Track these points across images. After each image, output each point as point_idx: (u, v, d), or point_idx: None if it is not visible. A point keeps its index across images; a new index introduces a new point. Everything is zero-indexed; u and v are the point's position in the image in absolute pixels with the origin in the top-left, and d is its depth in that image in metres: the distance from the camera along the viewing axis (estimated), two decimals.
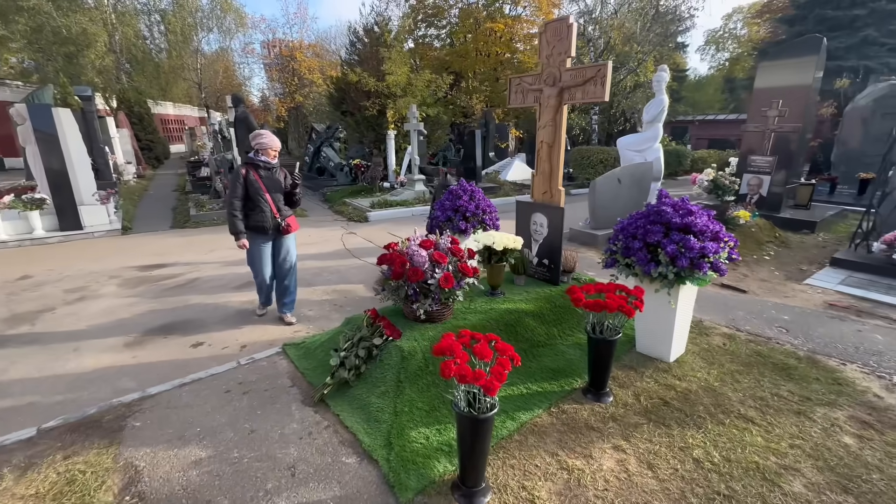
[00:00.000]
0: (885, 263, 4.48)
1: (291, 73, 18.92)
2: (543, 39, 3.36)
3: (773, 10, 25.27)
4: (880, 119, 9.49)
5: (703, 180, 6.11)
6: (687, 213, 2.69)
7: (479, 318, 2.99)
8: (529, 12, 21.59)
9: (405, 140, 13.55)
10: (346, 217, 9.42)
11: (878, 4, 11.42)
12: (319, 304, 4.70)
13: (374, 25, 12.90)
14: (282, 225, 3.71)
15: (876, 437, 2.25)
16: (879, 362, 2.95)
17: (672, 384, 2.72)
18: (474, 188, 4.46)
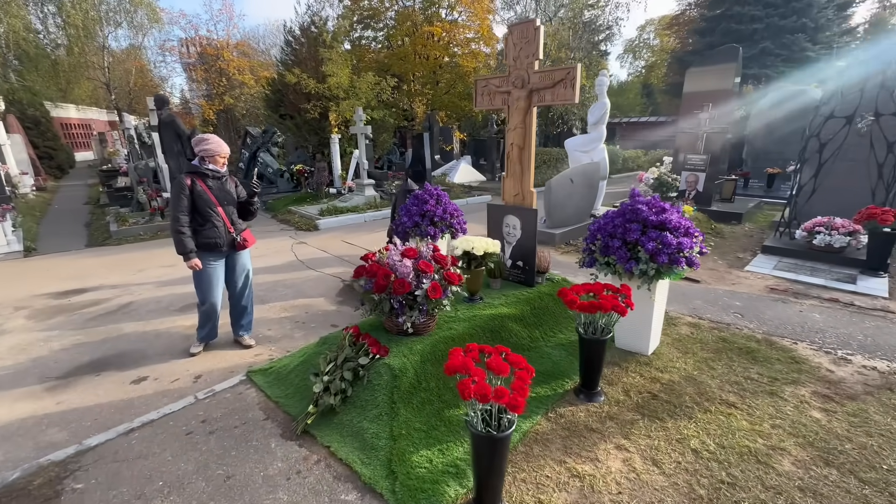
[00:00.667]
0: (806, 248, 5.03)
1: (218, 73, 17.58)
2: (510, 41, 3.35)
3: (681, 23, 27.89)
4: (781, 120, 10.76)
5: (649, 178, 6.53)
6: (661, 210, 2.79)
7: (465, 327, 2.89)
8: (465, 17, 21.98)
9: (350, 144, 13.13)
10: (294, 226, 8.88)
11: (772, 21, 13.05)
12: (279, 323, 4.33)
13: (312, 25, 12.35)
14: (237, 240, 3.34)
15: (838, 409, 2.46)
16: (823, 339, 3.27)
17: (656, 377, 2.80)
18: (440, 192, 4.36)
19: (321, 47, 11.77)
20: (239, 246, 3.36)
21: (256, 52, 24.40)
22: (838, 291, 4.15)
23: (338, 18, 17.11)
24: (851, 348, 3.13)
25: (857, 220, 4.59)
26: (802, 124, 10.81)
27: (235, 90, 17.75)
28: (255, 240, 3.60)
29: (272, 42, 27.18)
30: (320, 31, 12.15)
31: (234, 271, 3.50)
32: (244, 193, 3.50)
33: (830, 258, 4.83)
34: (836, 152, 5.28)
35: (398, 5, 21.85)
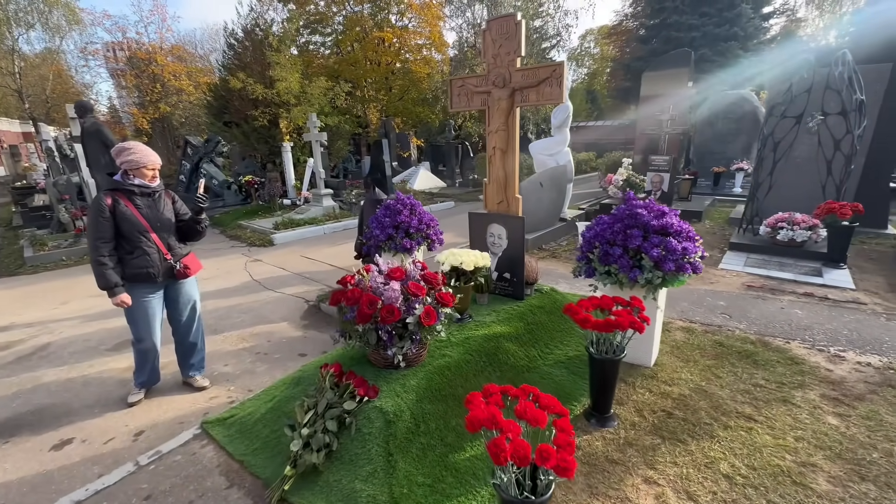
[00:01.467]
0: (770, 244, 5.19)
1: (151, 79, 16.17)
2: (488, 38, 3.10)
3: (618, 32, 29.43)
4: (723, 122, 11.40)
5: (618, 180, 6.56)
6: (661, 213, 2.64)
7: (459, 352, 2.58)
8: (416, 24, 21.82)
9: (303, 152, 12.45)
10: (246, 242, 8.17)
11: (707, 29, 13.96)
12: (236, 356, 3.81)
13: (256, 27, 11.60)
14: (177, 268, 2.81)
15: (851, 412, 2.39)
16: (812, 336, 3.27)
17: (666, 391, 2.63)
18: (413, 201, 4.03)
19: (268, 51, 11.08)
20: (179, 274, 2.84)
21: (194, 56, 22.85)
22: (809, 285, 4.25)
23: (283, 22, 16.35)
24: (841, 344, 3.13)
25: (818, 214, 4.77)
26: (740, 125, 11.62)
27: (172, 97, 16.41)
28: (202, 265, 3.08)
29: (211, 47, 25.65)
30: (266, 33, 11.44)
31: (175, 304, 2.97)
32: (186, 210, 2.98)
33: (794, 252, 5.00)
34: (787, 150, 5.51)
35: (346, 10, 21.33)
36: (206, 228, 2.97)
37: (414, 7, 20.55)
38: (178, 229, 2.88)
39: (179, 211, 2.91)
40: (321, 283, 5.61)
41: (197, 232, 2.92)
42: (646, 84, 7.10)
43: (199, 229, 2.92)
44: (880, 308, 3.73)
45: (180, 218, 2.89)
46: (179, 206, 2.93)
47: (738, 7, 14.13)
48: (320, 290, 5.27)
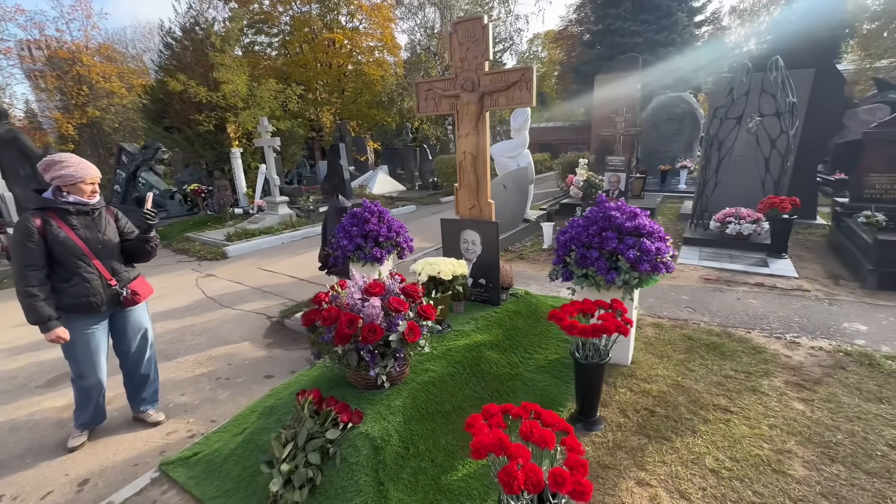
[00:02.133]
0: (720, 237, 5.52)
1: (77, 80, 14.76)
2: (455, 41, 3.04)
3: (564, 37, 30.59)
4: (666, 123, 12.08)
5: (578, 181, 6.73)
6: (633, 215, 2.69)
7: (442, 366, 2.49)
8: (367, 25, 21.49)
9: (253, 158, 11.84)
10: (195, 256, 7.62)
11: (648, 35, 14.82)
12: (194, 383, 3.50)
13: (196, 26, 10.89)
14: (123, 294, 2.50)
15: (813, 396, 2.54)
16: (769, 324, 3.48)
17: (645, 389, 2.68)
18: (381, 208, 3.90)
19: (210, 51, 10.42)
20: (127, 302, 2.53)
21: (125, 56, 21.13)
22: (759, 275, 4.55)
23: (225, 21, 15.51)
24: (795, 331, 3.35)
25: (761, 209, 5.12)
26: (681, 125, 12.38)
27: (102, 100, 15.05)
28: (153, 288, 2.78)
29: (144, 46, 23.86)
30: (208, 32, 10.76)
31: (123, 334, 2.66)
32: (132, 228, 2.66)
33: (742, 244, 5.34)
34: (730, 149, 5.90)
35: (293, 10, 20.62)
36: (156, 247, 2.67)
37: (364, 9, 20.21)
38: (123, 250, 2.57)
39: (124, 229, 2.60)
40: (283, 296, 5.32)
41: (146, 252, 2.62)
42: (598, 87, 7.37)
43: (148, 249, 2.61)
44: (822, 294, 4.04)
45: (125, 237, 2.59)
46: (123, 224, 2.62)
47: (675, 15, 15.11)
48: (283, 305, 4.98)
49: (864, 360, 2.85)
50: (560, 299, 3.97)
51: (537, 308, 3.53)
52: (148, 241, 2.59)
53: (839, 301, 3.87)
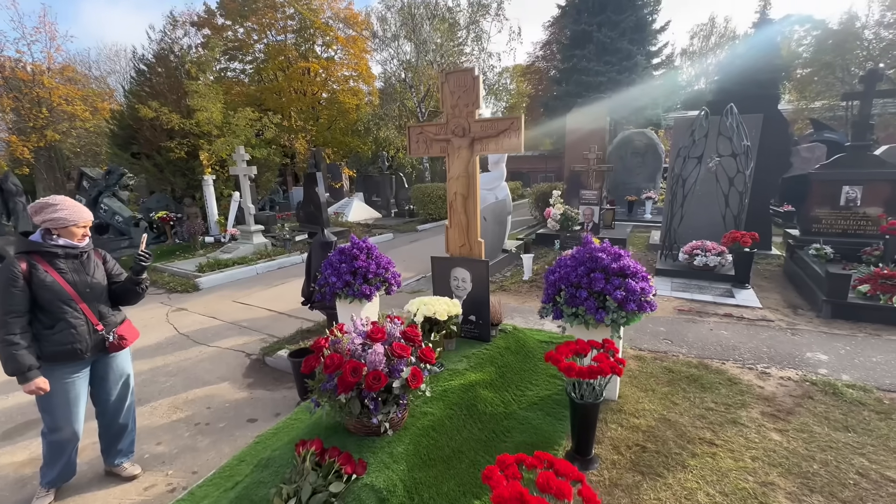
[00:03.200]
0: (688, 268, 5.84)
1: (37, 102, 14.15)
2: (446, 89, 3.19)
3: (531, 72, 32.23)
4: (630, 156, 12.83)
5: (556, 214, 7.01)
6: (617, 256, 2.85)
7: (440, 408, 2.50)
8: (342, 55, 21.90)
9: (226, 185, 11.62)
10: (164, 287, 7.31)
11: (611, 75, 15.91)
12: (170, 430, 3.33)
13: (171, 53, 10.79)
14: (110, 340, 2.41)
15: (788, 426, 2.71)
16: (741, 355, 3.69)
17: (634, 424, 2.77)
18: (370, 244, 3.92)
19: (185, 79, 10.32)
20: (112, 347, 2.44)
21: (88, 78, 20.50)
22: (727, 306, 4.84)
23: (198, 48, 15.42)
24: (764, 361, 3.57)
25: (724, 242, 5.49)
26: (644, 158, 13.17)
27: (63, 123, 14.44)
28: (139, 332, 2.68)
29: (109, 68, 23.28)
30: (182, 59, 10.67)
31: (104, 382, 2.53)
32: (120, 270, 2.60)
33: (708, 276, 5.67)
34: (693, 186, 6.33)
35: (268, 38, 20.81)
36: (146, 289, 2.59)
37: (340, 40, 20.66)
38: (110, 293, 2.49)
39: (112, 271, 2.53)
40: (262, 332, 5.17)
41: (136, 294, 2.54)
42: (570, 125, 7.80)
43: (138, 291, 2.54)
44: (784, 324, 4.34)
45: (114, 280, 2.51)
46: (112, 266, 2.55)
47: (635, 58, 16.36)
48: (262, 341, 4.84)
49: (828, 390, 3.07)
50: (545, 333, 4.07)
51: (525, 343, 3.60)
52: (139, 283, 2.52)
53: (800, 331, 4.16)
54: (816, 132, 13.68)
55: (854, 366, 3.46)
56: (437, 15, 15.86)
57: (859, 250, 5.48)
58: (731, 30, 33.41)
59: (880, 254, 5.21)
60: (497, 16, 16.21)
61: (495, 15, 16.19)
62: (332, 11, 20.58)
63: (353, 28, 20.70)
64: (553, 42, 27.90)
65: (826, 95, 17.87)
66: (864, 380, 3.23)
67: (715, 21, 34.80)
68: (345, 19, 20.73)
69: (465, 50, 16.74)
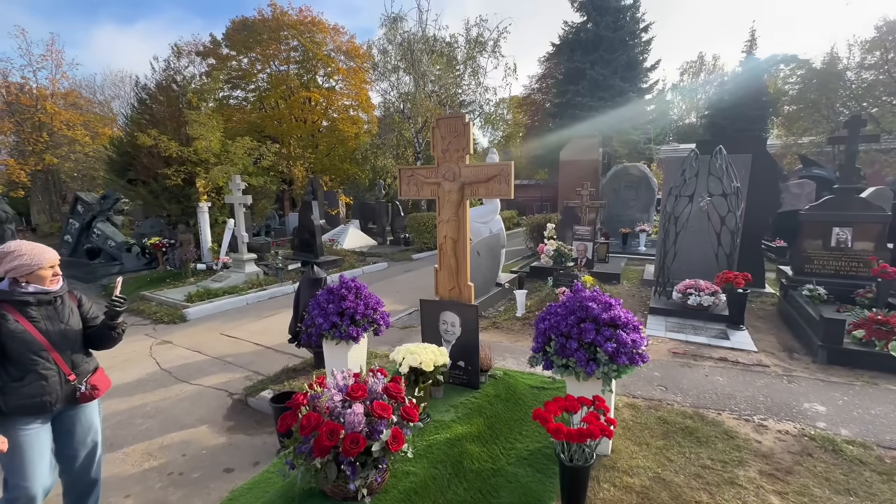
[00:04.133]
0: (682, 307, 5.79)
1: (38, 126, 14.29)
2: (437, 134, 3.22)
3: (528, 103, 33.11)
4: (624, 189, 13.00)
5: (549, 250, 7.00)
6: (608, 306, 2.79)
7: (423, 468, 2.38)
8: (343, 86, 22.45)
9: (221, 213, 11.61)
10: (151, 318, 7.16)
11: (605, 110, 16.38)
12: (141, 480, 3.17)
13: (174, 83, 11.00)
14: (82, 390, 2.25)
15: (786, 488, 2.59)
16: (737, 405, 3.59)
17: (627, 484, 2.64)
18: (359, 283, 3.86)
19: (185, 108, 10.48)
20: (84, 398, 2.26)
21: (91, 103, 20.84)
22: (721, 349, 4.76)
23: (202, 76, 15.76)
24: (761, 412, 3.47)
25: (718, 282, 5.46)
26: (638, 192, 13.34)
27: (62, 148, 14.55)
28: (111, 382, 2.54)
29: (113, 93, 23.72)
30: (184, 89, 10.87)
31: (70, 436, 2.34)
32: (97, 313, 2.44)
33: (702, 315, 5.62)
34: (685, 224, 6.37)
35: (271, 68, 21.34)
36: (122, 334, 2.45)
37: (341, 71, 21.21)
38: (85, 338, 2.36)
39: (88, 314, 2.38)
40: (246, 368, 5.03)
41: (112, 339, 2.40)
42: (565, 152, 7.91)
43: (114, 336, 2.39)
44: (780, 370, 4.26)
45: (89, 323, 2.37)
46: (88, 309, 2.40)
47: (627, 94, 16.87)
48: (247, 379, 4.69)
49: (827, 446, 2.97)
50: (536, 377, 3.96)
51: (516, 389, 3.50)
52: (114, 328, 2.37)
53: (797, 378, 4.07)
54: (805, 168, 13.96)
55: (853, 419, 3.36)
56: (435, 50, 16.38)
57: (852, 291, 5.46)
58: (720, 66, 34.74)
59: (873, 296, 5.19)
60: (493, 52, 16.76)
61: (492, 52, 16.75)
62: (335, 44, 21.24)
63: (354, 60, 21.32)
64: (548, 76, 28.80)
65: (813, 132, 18.39)
66: (864, 435, 3.13)
67: (704, 58, 36.16)
68: (346, 52, 21.38)
69: (462, 83, 17.21)
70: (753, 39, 21.95)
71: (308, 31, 20.06)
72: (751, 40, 22.08)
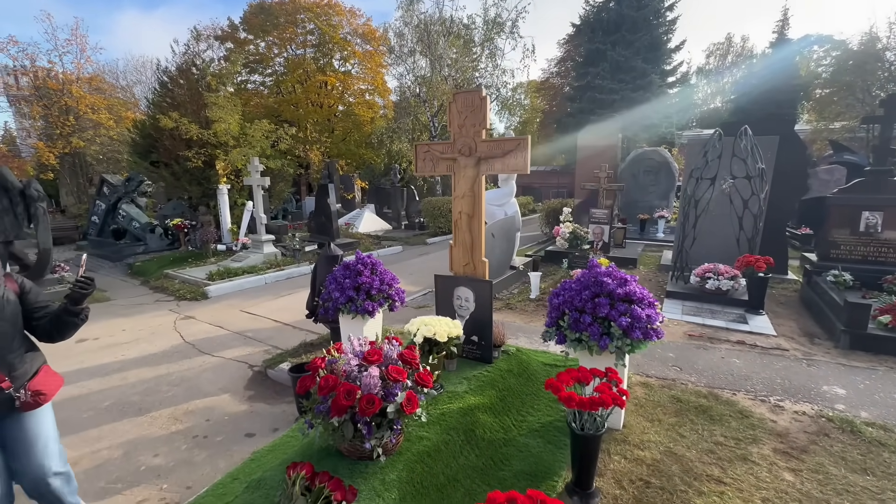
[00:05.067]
0: (700, 292, 5.70)
1: (64, 110, 14.69)
2: (454, 109, 3.21)
3: (546, 87, 32.41)
4: (643, 174, 12.72)
5: (564, 233, 6.94)
6: (623, 281, 2.78)
7: (436, 433, 2.44)
8: (359, 70, 22.36)
9: (240, 195, 11.82)
10: (174, 295, 7.40)
11: (625, 93, 15.92)
12: (168, 442, 3.32)
13: (193, 66, 11.13)
14: (21, 398, 1.88)
15: (801, 466, 2.58)
16: (754, 387, 3.56)
17: (639, 457, 2.67)
18: (374, 259, 3.92)
19: (205, 91, 10.62)
20: (26, 406, 1.91)
21: (114, 88, 21.27)
22: (739, 332, 4.69)
23: (220, 60, 15.90)
24: (778, 393, 3.43)
25: (738, 266, 5.35)
26: (658, 177, 13.03)
27: (88, 131, 14.95)
28: (62, 379, 2.14)
29: (135, 78, 24.12)
30: (204, 73, 11.00)
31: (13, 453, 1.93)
32: (46, 302, 2.08)
33: (721, 299, 5.52)
34: (706, 207, 6.22)
35: (288, 52, 21.36)
36: (86, 319, 2.07)
37: (358, 55, 21.10)
38: (33, 330, 2.05)
39: (34, 303, 2.02)
40: (266, 343, 5.18)
41: (73, 326, 2.05)
42: (581, 143, 7.77)
43: (76, 322, 2.04)
44: (800, 353, 4.18)
45: (36, 312, 2.01)
46: (33, 297, 2.03)
47: (649, 76, 16.37)
48: (266, 353, 4.84)
49: (846, 427, 2.93)
50: (550, 355, 3.99)
51: (529, 366, 3.53)
52: (78, 314, 2.02)
53: (816, 362, 4.00)
54: (836, 154, 13.40)
55: (874, 402, 3.30)
56: (452, 32, 16.13)
57: (880, 278, 5.29)
58: (749, 49, 33.23)
59: None
60: (511, 33, 16.42)
61: (510, 33, 16.41)
62: (351, 27, 21.11)
63: (370, 43, 21.18)
64: (567, 59, 28.09)
65: (846, 116, 17.54)
66: (885, 418, 3.08)
67: (732, 40, 34.65)
68: (363, 35, 21.24)
69: (479, 66, 16.95)
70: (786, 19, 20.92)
71: (325, 14, 19.97)
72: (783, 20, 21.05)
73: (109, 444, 3.28)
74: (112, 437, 3.37)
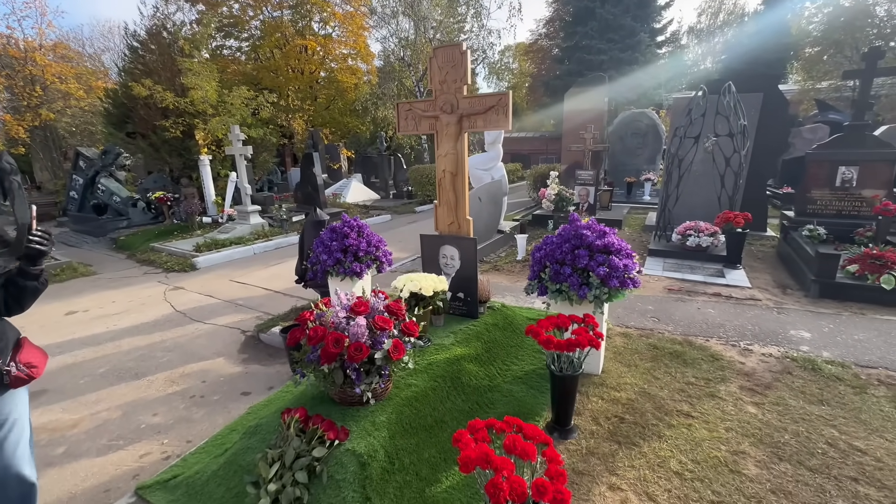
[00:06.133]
0: (681, 249, 5.86)
1: (30, 80, 13.98)
2: (434, 65, 3.16)
3: (534, 50, 31.54)
4: (630, 137, 12.69)
5: (550, 194, 6.99)
6: (602, 234, 2.87)
7: (424, 380, 2.57)
8: (340, 33, 21.43)
9: (223, 165, 11.56)
10: (162, 267, 7.37)
11: (614, 54, 15.62)
12: (166, 402, 3.42)
13: (163, 30, 10.59)
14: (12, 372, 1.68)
15: (764, 400, 2.78)
16: (726, 333, 3.75)
17: (615, 397, 2.84)
18: (360, 222, 3.94)
19: (178, 56, 10.16)
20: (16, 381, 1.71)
21: (81, 56, 20.18)
22: (716, 286, 4.88)
23: (192, 24, 15.11)
24: (748, 339, 3.63)
25: (717, 223, 5.49)
26: (645, 140, 13.02)
27: (57, 102, 14.29)
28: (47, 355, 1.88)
29: (103, 46, 22.90)
30: (175, 36, 10.48)
31: None
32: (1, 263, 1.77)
33: (700, 256, 5.70)
34: (689, 166, 6.30)
35: (264, 15, 20.33)
36: (45, 284, 1.79)
37: (338, 16, 20.18)
38: None
39: None
40: (257, 310, 5.24)
41: (34, 292, 1.75)
42: (568, 104, 7.70)
43: (37, 286, 1.75)
44: (771, 303, 4.39)
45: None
46: None
47: (638, 35, 16.02)
48: (258, 319, 4.92)
49: (807, 366, 3.14)
50: (534, 311, 4.13)
51: (513, 320, 3.66)
52: (38, 276, 1.74)
53: (787, 309, 4.21)
54: (821, 113, 13.48)
55: (836, 343, 3.52)
56: None
57: (853, 231, 5.49)
58: (741, 6, 32.49)
59: (872, 234, 5.21)
60: None
61: None
62: None
63: (350, 3, 20.22)
64: (556, 19, 27.24)
65: (833, 75, 17.48)
66: (844, 357, 3.29)
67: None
68: None
69: (465, 27, 16.37)
70: None
71: None
72: None
73: (108, 406, 3.37)
74: (110, 400, 3.46)
